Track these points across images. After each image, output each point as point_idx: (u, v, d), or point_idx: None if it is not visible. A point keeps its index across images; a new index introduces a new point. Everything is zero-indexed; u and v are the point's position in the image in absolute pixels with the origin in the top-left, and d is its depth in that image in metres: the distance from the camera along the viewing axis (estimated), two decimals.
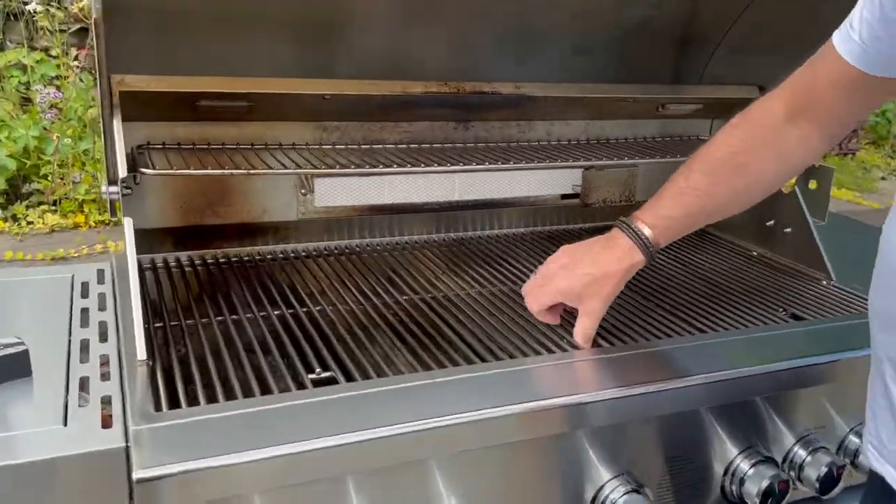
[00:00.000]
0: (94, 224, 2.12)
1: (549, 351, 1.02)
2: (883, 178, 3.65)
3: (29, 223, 2.07)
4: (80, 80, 2.28)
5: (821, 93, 0.94)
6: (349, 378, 0.93)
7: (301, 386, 0.90)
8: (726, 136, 1.01)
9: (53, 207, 2.17)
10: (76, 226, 2.10)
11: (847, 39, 0.86)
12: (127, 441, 0.75)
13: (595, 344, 1.04)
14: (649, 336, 1.09)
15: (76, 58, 2.44)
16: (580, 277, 1.01)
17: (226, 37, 1.17)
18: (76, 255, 1.87)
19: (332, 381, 0.91)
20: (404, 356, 1.01)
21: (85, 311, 1.07)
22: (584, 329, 1.02)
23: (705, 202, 1.00)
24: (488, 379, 0.91)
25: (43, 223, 2.05)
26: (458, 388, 0.88)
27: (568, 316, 1.08)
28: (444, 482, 0.85)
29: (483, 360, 0.99)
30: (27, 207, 2.15)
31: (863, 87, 0.89)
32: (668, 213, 1.00)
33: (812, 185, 1.43)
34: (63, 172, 2.23)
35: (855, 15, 0.85)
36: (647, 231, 1.00)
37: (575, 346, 1.03)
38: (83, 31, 2.70)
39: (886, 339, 0.75)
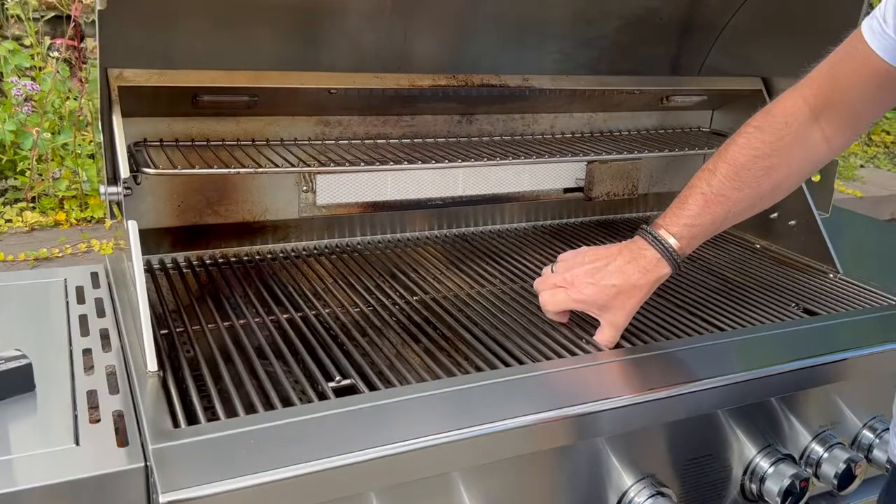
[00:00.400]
0: (75, 222, 2.05)
1: (570, 352, 0.99)
2: (862, 166, 3.68)
3: (7, 221, 1.99)
4: (58, 71, 2.20)
5: (847, 90, 0.92)
6: (369, 384, 0.90)
7: (321, 395, 0.86)
8: (749, 139, 0.98)
9: (32, 205, 2.09)
10: (57, 223, 2.03)
11: (881, 34, 0.84)
12: (146, 460, 0.71)
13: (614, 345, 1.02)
14: (665, 335, 1.07)
15: (50, 47, 2.35)
16: (605, 289, 0.98)
17: (224, 29, 1.12)
18: (60, 255, 1.81)
19: (352, 389, 0.88)
20: (421, 358, 0.98)
21: (83, 317, 1.03)
22: (606, 340, 1.00)
23: (730, 207, 0.97)
24: (511, 386, 0.88)
25: (22, 222, 1.98)
26: (483, 396, 0.85)
27: (579, 312, 1.06)
28: (469, 494, 0.83)
29: (503, 361, 0.97)
30: (4, 205, 2.07)
31: (891, 82, 0.87)
32: (693, 221, 0.98)
33: (815, 177, 1.42)
34: (42, 168, 2.15)
35: (887, 9, 0.83)
36: (672, 241, 0.98)
37: (594, 345, 1.01)
38: (57, 20, 2.61)
39: None
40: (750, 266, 1.38)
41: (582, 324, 1.06)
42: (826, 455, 1.06)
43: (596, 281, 0.99)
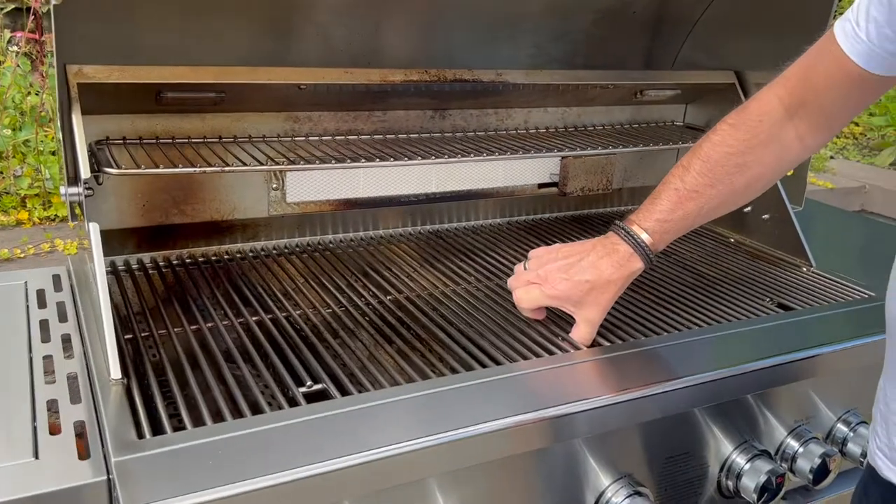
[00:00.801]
0: (38, 221, 1.99)
1: (546, 350, 0.98)
2: (832, 157, 3.73)
3: None
4: (18, 65, 2.13)
5: (820, 90, 0.92)
6: (341, 388, 0.88)
7: (292, 401, 0.84)
8: (724, 136, 0.98)
9: None
10: (19, 223, 1.97)
11: (853, 38, 0.83)
12: (109, 473, 0.69)
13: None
14: (641, 331, 1.07)
15: (10, 41, 2.29)
16: (579, 284, 0.97)
17: (190, 23, 1.08)
18: (22, 255, 1.75)
19: (324, 394, 0.86)
20: (394, 360, 0.97)
21: (44, 322, 0.99)
22: (581, 336, 1.00)
23: (703, 203, 0.97)
24: (487, 388, 0.87)
25: None
26: (458, 399, 0.84)
27: (555, 309, 1.05)
28: (445, 499, 0.81)
29: (479, 362, 0.95)
30: None
31: (864, 85, 0.87)
32: (665, 216, 0.98)
33: (789, 171, 1.42)
34: (3, 166, 2.09)
35: (860, 12, 0.82)
36: (645, 237, 0.98)
37: (570, 342, 1.00)
38: (17, 12, 2.54)
39: None
40: (724, 260, 1.38)
41: (558, 321, 1.05)
42: (801, 450, 1.06)
43: (569, 276, 0.98)
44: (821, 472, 1.06)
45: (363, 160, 1.14)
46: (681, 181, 0.98)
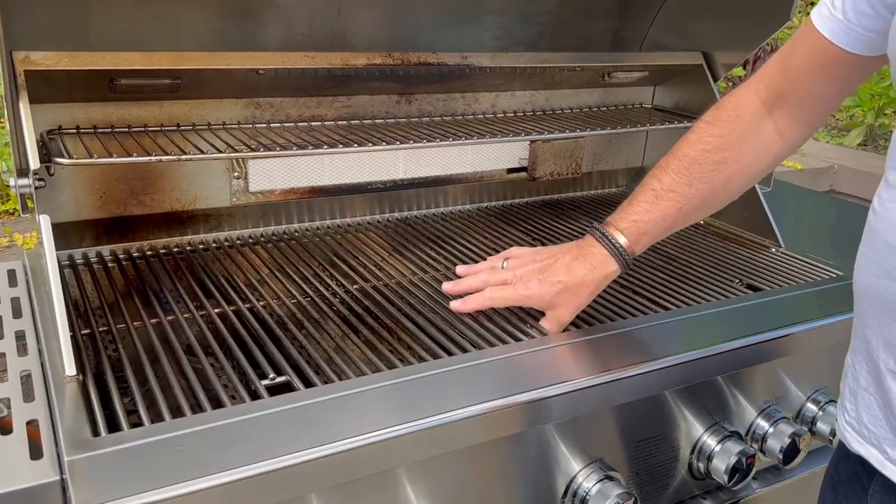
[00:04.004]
0: None
1: (514, 338, 0.97)
2: None
3: None
4: None
5: (798, 80, 0.91)
6: (305, 381, 0.86)
7: (254, 394, 0.82)
8: (700, 134, 0.97)
9: None
10: None
11: (829, 18, 0.84)
12: (62, 473, 0.67)
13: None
14: (610, 315, 1.06)
15: None
16: (552, 285, 0.96)
17: (145, 6, 1.05)
18: None
19: (287, 386, 0.84)
20: (361, 351, 0.95)
21: None
22: (551, 329, 0.99)
23: (682, 204, 0.96)
24: (455, 376, 0.85)
25: None
26: (426, 388, 0.82)
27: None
28: (414, 489, 0.80)
29: (446, 350, 0.94)
30: None
31: (842, 67, 0.87)
32: (642, 217, 0.97)
33: (770, 170, 1.42)
34: None
35: None
36: (621, 239, 0.97)
37: (538, 329, 0.99)
38: None
39: (877, 320, 0.72)
40: (694, 242, 1.37)
41: (528, 309, 1.03)
42: (771, 430, 1.07)
43: (543, 277, 0.98)
44: (791, 451, 1.06)
45: (327, 147, 1.11)
46: (658, 182, 0.97)
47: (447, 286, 1.06)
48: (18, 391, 0.80)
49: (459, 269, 1.10)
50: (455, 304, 1.02)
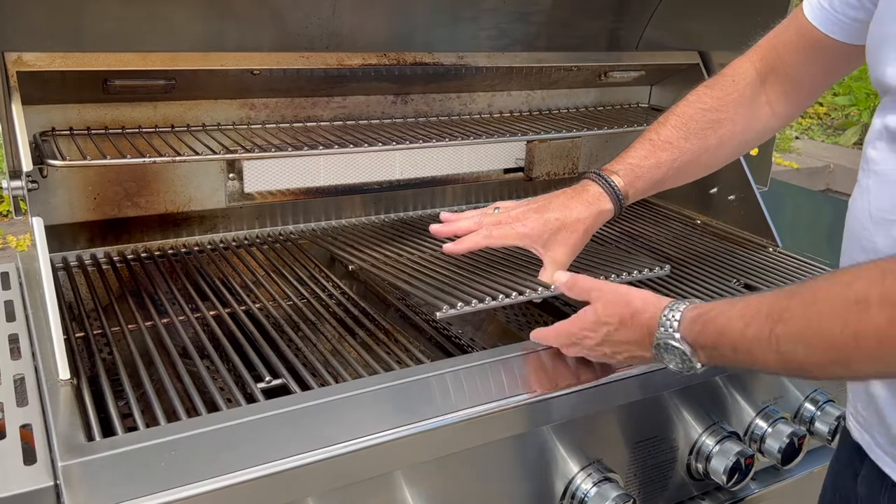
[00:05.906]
0: None
1: (514, 336, 0.96)
2: (797, 138, 3.76)
3: None
4: None
5: (786, 58, 0.97)
6: (302, 383, 0.85)
7: (250, 398, 0.81)
8: (699, 95, 1.02)
9: None
10: None
11: (816, 7, 0.89)
12: (56, 478, 0.66)
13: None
14: None
15: None
16: (549, 222, 0.97)
17: (139, 6, 1.04)
18: None
19: (284, 389, 0.83)
20: (357, 353, 0.94)
21: None
22: (548, 277, 0.98)
23: (675, 155, 1.00)
24: (453, 378, 0.85)
25: None
26: (423, 391, 0.82)
27: (526, 265, 1.04)
28: (411, 491, 0.79)
29: (445, 351, 0.93)
30: None
31: (826, 52, 0.91)
32: (637, 162, 1.00)
33: (754, 151, 1.42)
34: None
35: None
36: (616, 179, 1.00)
37: (540, 284, 0.98)
38: None
39: None
40: (691, 242, 1.37)
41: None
42: (770, 430, 1.06)
43: (539, 215, 0.98)
44: (789, 451, 1.06)
45: (323, 147, 1.11)
46: (656, 134, 1.01)
47: (435, 227, 1.02)
48: (12, 395, 0.79)
49: (444, 214, 1.05)
50: (448, 247, 0.99)
